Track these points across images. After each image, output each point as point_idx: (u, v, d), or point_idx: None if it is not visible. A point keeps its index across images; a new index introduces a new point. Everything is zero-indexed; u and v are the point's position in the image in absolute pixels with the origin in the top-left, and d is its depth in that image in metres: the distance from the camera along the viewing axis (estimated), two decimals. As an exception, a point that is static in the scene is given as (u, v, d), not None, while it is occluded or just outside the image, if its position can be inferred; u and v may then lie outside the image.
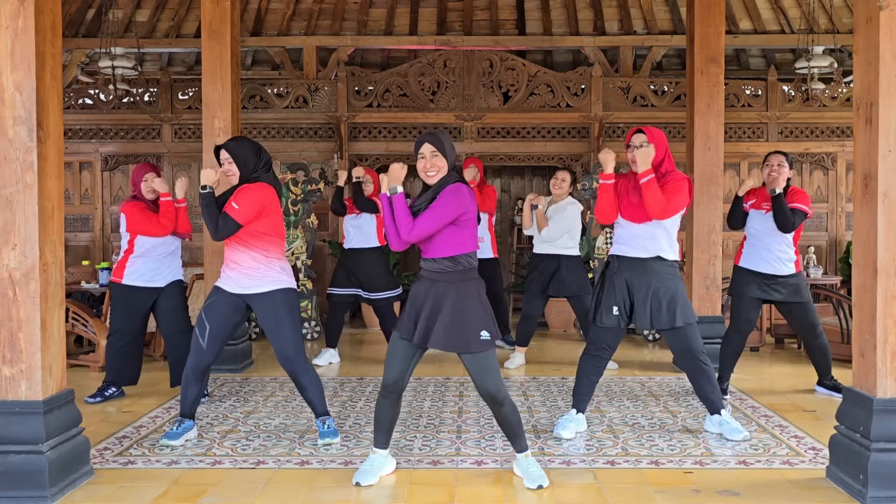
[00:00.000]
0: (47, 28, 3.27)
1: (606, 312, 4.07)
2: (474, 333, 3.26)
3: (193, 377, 4.00)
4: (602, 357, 4.16)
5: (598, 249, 7.63)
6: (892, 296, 3.20)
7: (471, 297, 3.29)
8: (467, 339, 3.25)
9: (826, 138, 8.98)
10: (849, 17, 8.93)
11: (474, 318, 3.27)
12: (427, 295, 3.30)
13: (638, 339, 7.45)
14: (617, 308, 4.04)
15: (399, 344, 3.38)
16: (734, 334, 5.04)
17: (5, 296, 3.20)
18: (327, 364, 6.16)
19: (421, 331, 3.28)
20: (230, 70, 5.82)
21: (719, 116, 6.03)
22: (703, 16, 6.00)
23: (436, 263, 3.30)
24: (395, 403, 3.44)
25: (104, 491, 3.36)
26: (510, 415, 3.39)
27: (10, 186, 3.19)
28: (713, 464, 3.72)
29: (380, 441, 3.52)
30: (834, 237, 9.05)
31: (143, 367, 5.85)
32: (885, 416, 3.19)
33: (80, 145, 8.99)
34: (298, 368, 4.00)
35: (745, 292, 4.99)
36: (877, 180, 3.21)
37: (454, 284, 3.28)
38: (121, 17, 9.11)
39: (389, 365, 3.39)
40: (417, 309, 3.32)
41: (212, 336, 3.95)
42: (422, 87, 8.90)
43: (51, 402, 3.27)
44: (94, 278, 7.36)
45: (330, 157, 8.85)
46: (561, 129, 8.92)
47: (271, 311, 3.95)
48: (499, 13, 9.47)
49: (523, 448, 3.47)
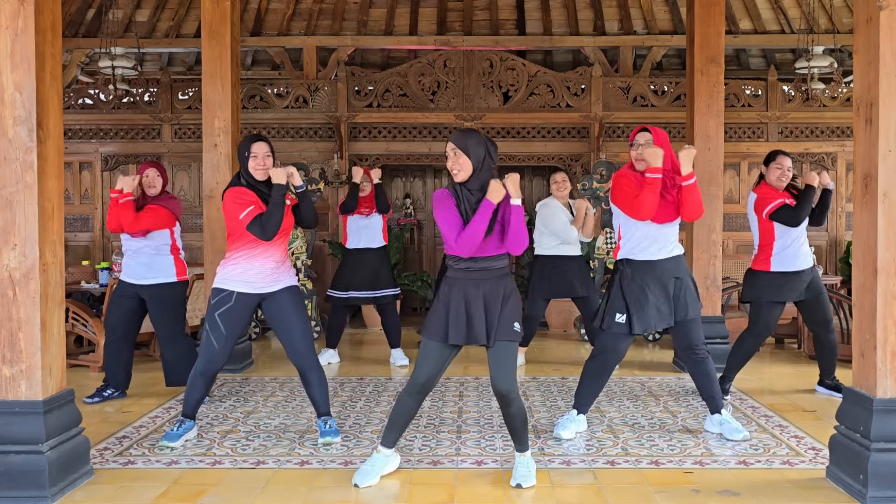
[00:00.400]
0: (47, 28, 3.27)
1: (610, 318, 4.05)
2: (511, 323, 3.33)
3: (202, 382, 3.99)
4: (611, 362, 4.15)
5: (598, 249, 7.63)
6: (892, 296, 3.20)
7: (514, 290, 3.39)
8: (504, 329, 3.32)
9: (826, 138, 8.98)
10: (849, 17, 8.93)
11: (516, 309, 3.37)
12: (479, 295, 3.31)
13: (638, 338, 7.44)
14: (621, 315, 4.01)
15: (433, 345, 3.38)
16: (750, 337, 4.97)
17: (5, 296, 3.20)
18: (327, 364, 6.16)
19: (479, 331, 3.30)
20: (230, 70, 5.82)
21: (719, 116, 6.03)
22: (703, 16, 6.00)
23: (498, 260, 3.34)
24: (419, 403, 3.47)
25: (104, 491, 3.36)
26: (515, 416, 3.40)
27: (10, 186, 3.19)
28: (713, 464, 3.72)
29: (389, 440, 3.52)
30: (834, 237, 9.06)
31: (144, 367, 5.86)
32: (885, 416, 3.19)
33: (80, 145, 8.99)
34: (308, 364, 4.01)
35: (778, 297, 4.86)
36: (877, 180, 3.21)
37: (503, 279, 3.36)
38: (121, 17, 9.11)
39: (422, 363, 3.39)
40: (468, 310, 3.31)
41: (228, 338, 3.94)
42: (422, 87, 8.90)
43: (51, 402, 3.27)
44: (94, 278, 7.36)
45: (330, 157, 8.85)
46: (561, 129, 8.92)
47: (286, 307, 3.98)
48: (499, 13, 9.47)
49: (523, 449, 3.47)
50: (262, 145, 3.94)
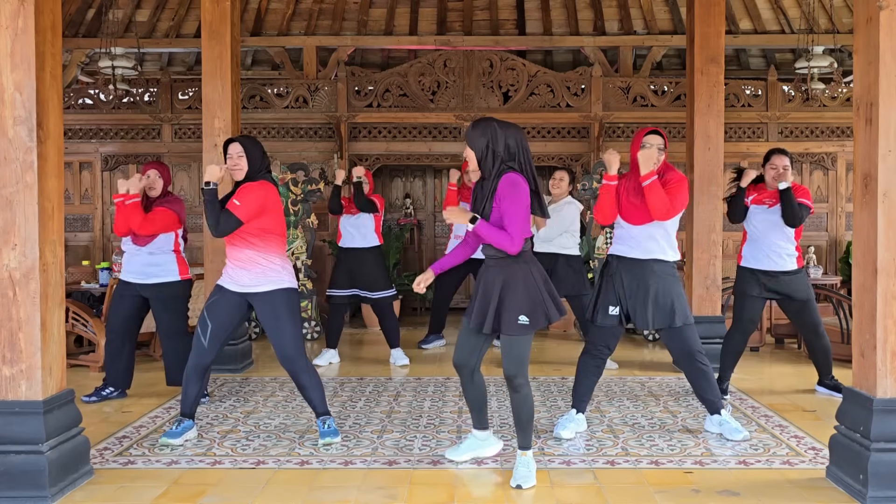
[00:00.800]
0: (47, 28, 3.27)
1: (603, 312, 4.08)
2: (514, 316, 3.36)
3: (194, 376, 4.00)
4: (601, 357, 4.17)
5: (598, 249, 7.63)
6: (892, 296, 3.20)
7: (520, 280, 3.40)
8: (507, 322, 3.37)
9: (826, 138, 8.98)
10: (849, 17, 8.93)
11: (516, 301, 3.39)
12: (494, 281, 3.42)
13: (638, 339, 7.45)
14: (613, 308, 4.04)
15: (465, 329, 3.57)
16: (736, 334, 5.04)
17: (5, 296, 3.20)
18: (327, 364, 6.16)
19: (492, 318, 3.38)
20: (230, 70, 5.82)
21: (719, 116, 6.03)
22: (703, 16, 6.00)
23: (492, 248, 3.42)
24: (470, 381, 3.60)
25: (104, 491, 3.36)
26: (521, 405, 3.44)
27: (10, 186, 3.19)
28: (713, 464, 3.72)
29: (473, 421, 3.75)
30: (834, 237, 9.05)
31: (144, 368, 5.86)
32: (885, 416, 3.19)
33: (80, 145, 8.99)
34: (298, 368, 4.00)
35: (747, 291, 4.98)
36: (877, 180, 3.21)
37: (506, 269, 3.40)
38: (121, 17, 9.11)
39: (456, 346, 3.60)
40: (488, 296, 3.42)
41: (213, 335, 3.95)
42: (422, 87, 8.90)
43: (51, 402, 3.27)
44: (94, 278, 7.36)
45: (330, 157, 8.85)
46: (561, 129, 8.92)
47: (272, 311, 3.95)
48: (499, 13, 9.47)
49: (524, 446, 3.47)
50: (235, 146, 3.97)
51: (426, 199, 10.00)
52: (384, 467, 3.68)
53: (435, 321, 7.04)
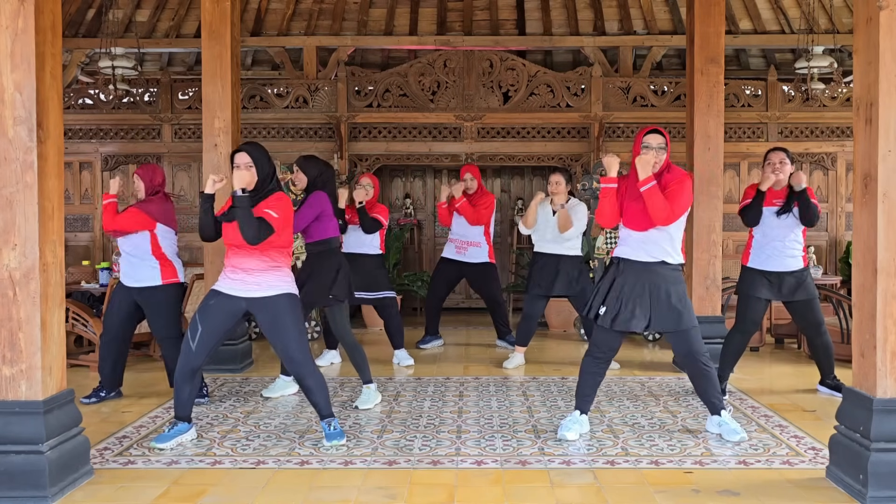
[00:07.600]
0: (47, 28, 3.27)
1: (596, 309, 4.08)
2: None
3: (182, 378, 3.98)
4: (604, 358, 4.16)
5: (598, 249, 7.62)
6: (892, 296, 3.21)
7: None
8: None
9: (826, 138, 8.98)
10: (849, 17, 8.93)
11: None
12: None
13: (638, 339, 7.44)
14: (606, 308, 4.02)
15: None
16: (737, 334, 5.03)
17: (5, 296, 3.21)
18: (329, 364, 6.16)
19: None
20: (230, 70, 5.82)
21: (719, 116, 6.03)
22: (703, 16, 6.00)
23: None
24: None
25: (104, 491, 3.36)
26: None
27: (10, 186, 3.19)
28: (713, 464, 3.72)
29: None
30: (834, 237, 9.05)
31: (144, 368, 5.87)
32: (885, 416, 3.19)
33: (80, 145, 8.99)
34: (305, 372, 3.97)
35: (753, 293, 4.96)
36: (877, 180, 3.21)
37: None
38: (121, 17, 9.10)
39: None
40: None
41: (202, 339, 3.90)
42: (422, 87, 8.90)
43: (51, 402, 3.27)
44: (94, 278, 7.36)
45: (330, 158, 8.85)
46: (561, 129, 8.92)
47: (274, 316, 3.91)
48: (499, 13, 9.47)
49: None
50: (242, 155, 3.91)
51: (426, 199, 10.00)
52: (384, 467, 3.68)
53: (429, 323, 7.06)
